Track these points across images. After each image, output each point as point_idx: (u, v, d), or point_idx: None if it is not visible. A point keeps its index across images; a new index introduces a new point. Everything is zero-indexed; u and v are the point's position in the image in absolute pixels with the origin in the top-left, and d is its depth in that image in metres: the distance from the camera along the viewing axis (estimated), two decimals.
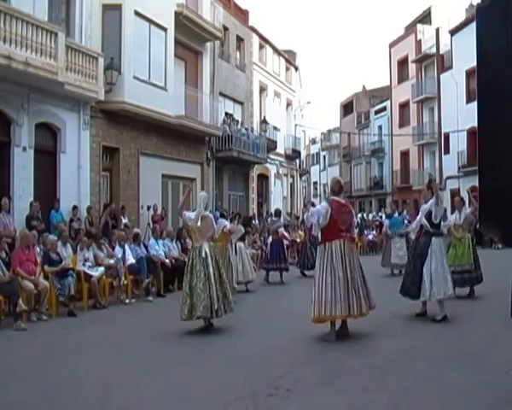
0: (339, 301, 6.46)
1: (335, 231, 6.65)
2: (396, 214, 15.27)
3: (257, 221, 20.87)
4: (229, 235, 10.49)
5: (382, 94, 42.78)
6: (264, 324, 7.89)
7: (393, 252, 14.09)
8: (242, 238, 12.12)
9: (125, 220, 14.42)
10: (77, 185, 13.71)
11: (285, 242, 14.78)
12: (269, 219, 14.77)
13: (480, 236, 9.86)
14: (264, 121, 24.93)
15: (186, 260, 7.75)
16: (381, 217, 25.89)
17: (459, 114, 29.16)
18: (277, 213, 15.17)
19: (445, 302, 7.67)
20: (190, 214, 7.68)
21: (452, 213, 10.92)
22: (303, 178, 38.87)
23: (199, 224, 7.41)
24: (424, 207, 7.91)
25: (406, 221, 14.31)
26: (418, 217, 8.11)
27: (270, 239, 14.64)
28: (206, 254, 7.29)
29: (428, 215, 7.73)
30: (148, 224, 15.18)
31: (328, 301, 6.46)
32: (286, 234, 15.25)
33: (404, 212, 15.72)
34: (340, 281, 6.51)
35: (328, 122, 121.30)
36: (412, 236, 8.73)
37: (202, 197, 7.84)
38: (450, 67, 31.27)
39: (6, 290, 7.94)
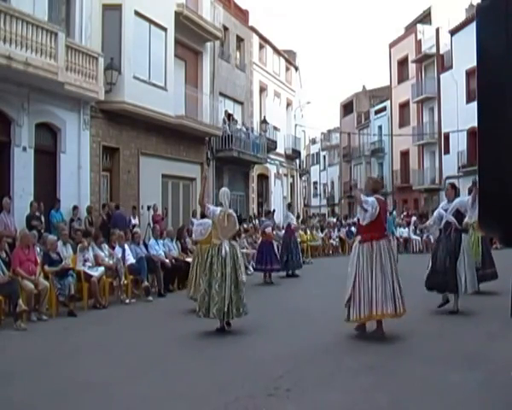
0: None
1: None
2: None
3: (257, 221, 20.88)
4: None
5: (382, 94, 42.77)
6: (263, 324, 7.87)
7: None
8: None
9: (134, 221, 14.45)
10: (77, 185, 13.72)
11: (274, 242, 13.92)
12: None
13: None
14: (264, 121, 24.93)
15: (202, 256, 7.36)
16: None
17: (459, 114, 29.15)
18: (267, 213, 14.89)
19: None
20: (215, 209, 7.31)
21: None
22: (303, 178, 38.88)
23: (225, 223, 7.14)
24: (451, 206, 8.13)
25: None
26: (436, 214, 8.37)
27: (260, 240, 14.14)
28: (225, 253, 7.02)
29: (456, 213, 8.05)
30: (149, 224, 15.19)
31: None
32: (273, 234, 14.36)
33: (394, 212, 15.69)
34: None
35: (328, 122, 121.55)
36: (436, 233, 8.83)
37: (226, 194, 7.44)
38: (451, 67, 31.27)
39: (6, 290, 7.94)
